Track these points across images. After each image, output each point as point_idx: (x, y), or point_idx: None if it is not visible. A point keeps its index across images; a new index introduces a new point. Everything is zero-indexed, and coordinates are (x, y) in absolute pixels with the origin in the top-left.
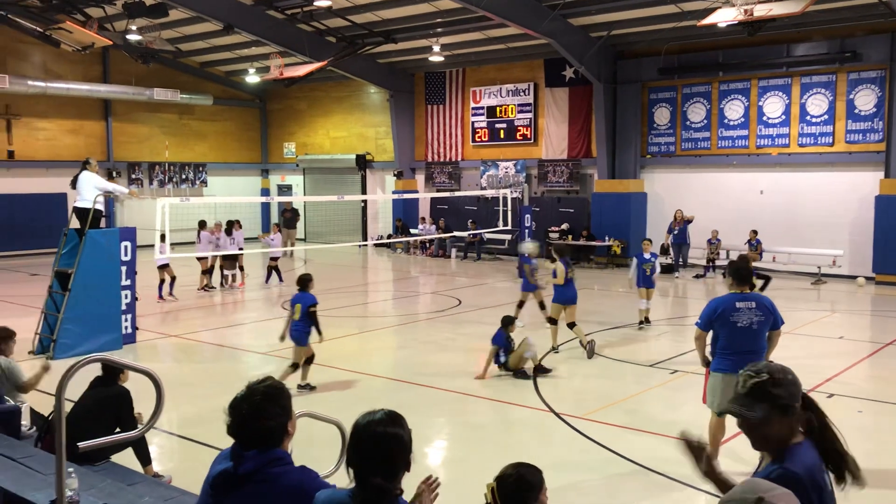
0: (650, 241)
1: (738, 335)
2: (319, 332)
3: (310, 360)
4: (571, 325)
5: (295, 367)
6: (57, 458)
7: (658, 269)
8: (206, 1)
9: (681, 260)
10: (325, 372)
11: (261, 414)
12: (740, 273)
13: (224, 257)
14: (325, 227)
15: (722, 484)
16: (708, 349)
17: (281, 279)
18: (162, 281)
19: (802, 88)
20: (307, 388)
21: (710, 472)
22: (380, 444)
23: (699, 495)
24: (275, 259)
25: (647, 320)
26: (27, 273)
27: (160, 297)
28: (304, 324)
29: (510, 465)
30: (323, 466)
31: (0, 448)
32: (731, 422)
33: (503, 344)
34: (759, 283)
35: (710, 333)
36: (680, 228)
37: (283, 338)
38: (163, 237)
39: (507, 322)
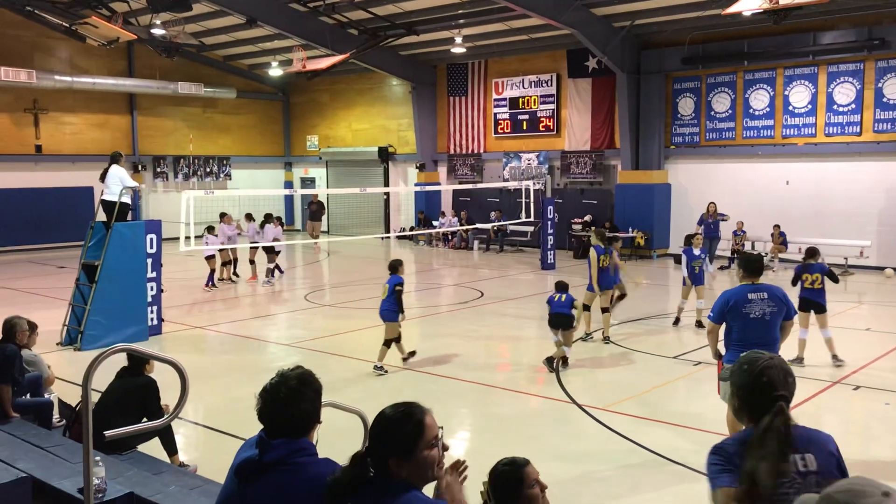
0: (700, 235)
1: (752, 326)
2: (402, 311)
3: (397, 339)
4: (605, 311)
5: (389, 343)
6: (84, 446)
7: (709, 268)
8: None
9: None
10: (348, 363)
11: (297, 397)
12: (752, 265)
13: (264, 249)
14: (347, 220)
15: None
16: (721, 343)
17: (271, 275)
18: (212, 270)
19: (829, 77)
20: (410, 355)
21: None
22: (373, 428)
23: None
24: (274, 253)
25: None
26: (55, 266)
27: (209, 285)
28: (391, 302)
29: (498, 462)
30: (344, 456)
31: (29, 437)
32: None
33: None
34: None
35: (723, 326)
36: (713, 222)
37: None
38: (210, 229)
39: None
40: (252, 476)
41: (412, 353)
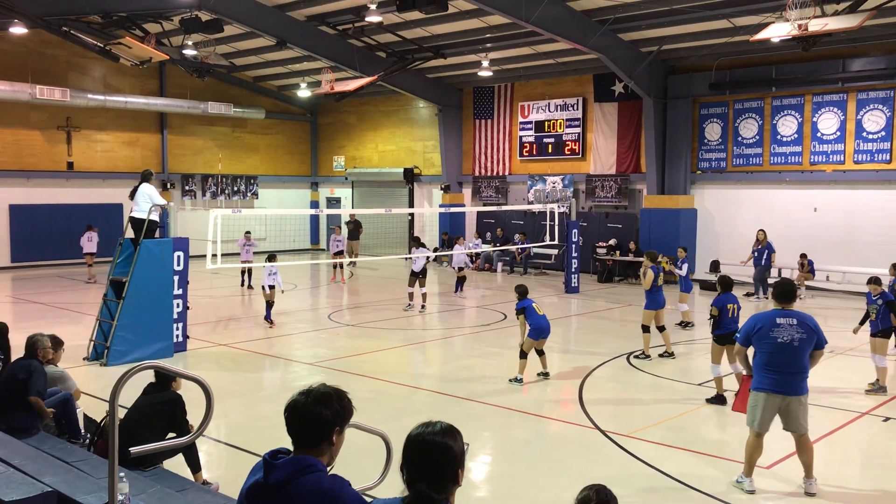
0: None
1: (779, 352)
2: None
3: (541, 352)
4: (661, 329)
5: (524, 355)
6: (110, 462)
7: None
8: (260, 17)
9: (761, 286)
10: (371, 383)
11: (324, 400)
12: (783, 290)
13: (413, 273)
14: (372, 240)
15: None
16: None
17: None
18: (270, 303)
19: (858, 104)
20: (547, 375)
21: None
22: (428, 452)
23: None
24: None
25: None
26: (83, 281)
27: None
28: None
29: (586, 489)
30: (367, 478)
31: (55, 452)
32: (770, 442)
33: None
34: None
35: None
36: (758, 250)
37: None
38: (272, 258)
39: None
40: (260, 499)
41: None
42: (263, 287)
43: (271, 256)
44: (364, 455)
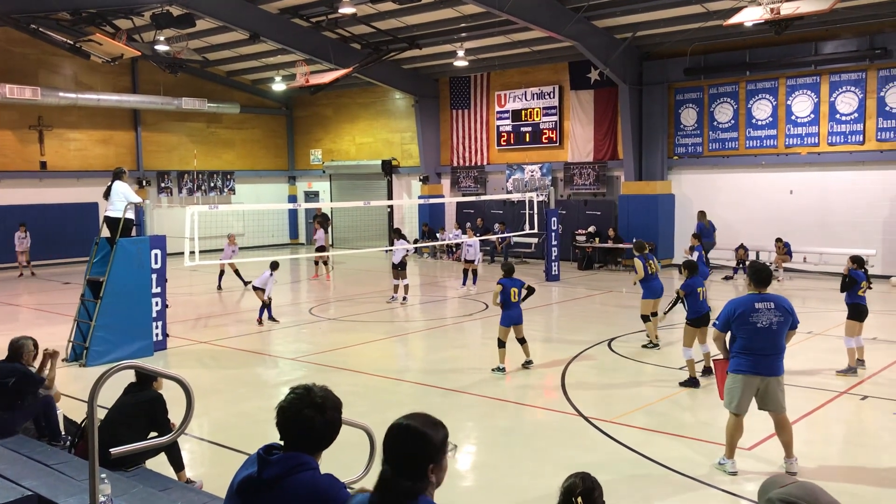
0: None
1: (759, 336)
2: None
3: (522, 340)
4: (654, 314)
5: (502, 343)
6: (90, 464)
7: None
8: (232, 11)
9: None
10: (353, 377)
11: (327, 405)
12: (759, 274)
13: (393, 265)
14: (351, 233)
15: None
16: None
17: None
18: (263, 304)
19: (831, 87)
20: (530, 363)
21: None
22: (403, 440)
23: (728, 497)
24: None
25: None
26: (60, 282)
27: (260, 320)
28: (519, 305)
29: (572, 476)
30: (350, 472)
31: (35, 454)
32: (751, 423)
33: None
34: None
35: (729, 335)
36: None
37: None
38: (275, 265)
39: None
40: (253, 493)
41: (531, 363)
42: (256, 288)
43: (275, 265)
44: (348, 448)
